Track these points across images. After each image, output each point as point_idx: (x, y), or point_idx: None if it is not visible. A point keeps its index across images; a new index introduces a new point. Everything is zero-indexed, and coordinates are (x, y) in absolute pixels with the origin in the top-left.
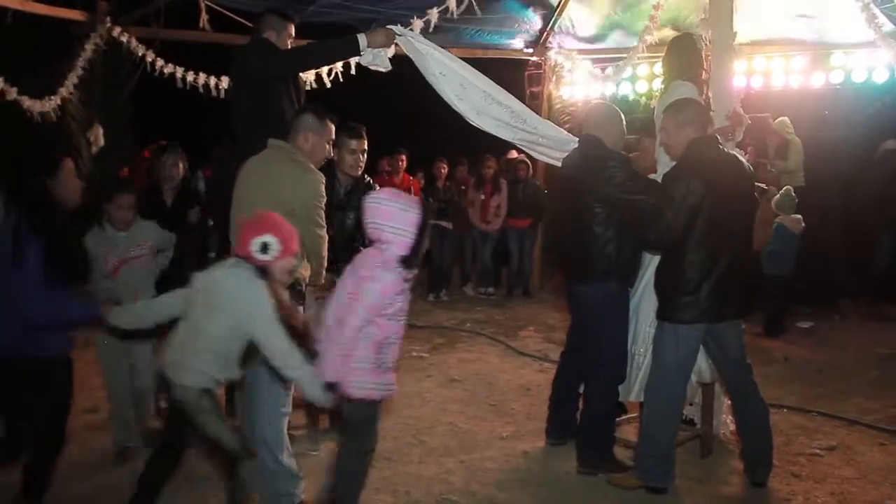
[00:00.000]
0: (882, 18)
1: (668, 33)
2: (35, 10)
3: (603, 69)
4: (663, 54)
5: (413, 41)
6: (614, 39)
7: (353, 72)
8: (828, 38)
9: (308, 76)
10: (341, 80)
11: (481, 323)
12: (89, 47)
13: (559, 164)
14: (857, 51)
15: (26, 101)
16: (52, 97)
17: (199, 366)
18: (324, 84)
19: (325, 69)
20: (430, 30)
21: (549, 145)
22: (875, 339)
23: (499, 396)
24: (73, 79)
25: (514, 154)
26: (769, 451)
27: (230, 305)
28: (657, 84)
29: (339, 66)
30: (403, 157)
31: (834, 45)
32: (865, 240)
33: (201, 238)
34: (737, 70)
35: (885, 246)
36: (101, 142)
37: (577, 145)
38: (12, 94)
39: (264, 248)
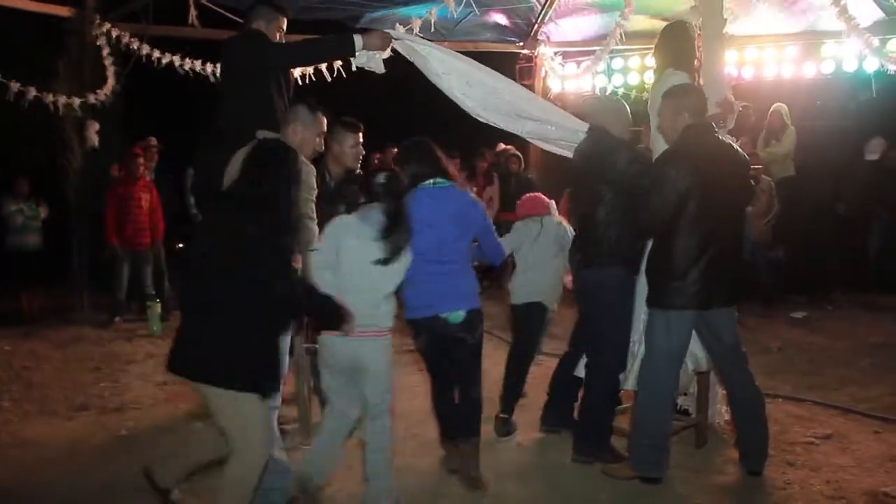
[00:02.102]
0: (871, 7)
1: (652, 24)
2: (23, 6)
3: (579, 64)
4: (655, 44)
5: (412, 43)
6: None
7: (335, 70)
8: (819, 26)
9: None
10: (344, 75)
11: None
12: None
13: (570, 155)
14: (848, 40)
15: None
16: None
17: None
18: (316, 79)
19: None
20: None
21: (560, 136)
22: (867, 328)
23: (493, 389)
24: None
25: (501, 146)
26: (764, 440)
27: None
28: (649, 76)
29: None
30: (396, 150)
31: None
32: (857, 229)
33: None
34: (728, 60)
35: (875, 234)
36: (95, 139)
37: (585, 135)
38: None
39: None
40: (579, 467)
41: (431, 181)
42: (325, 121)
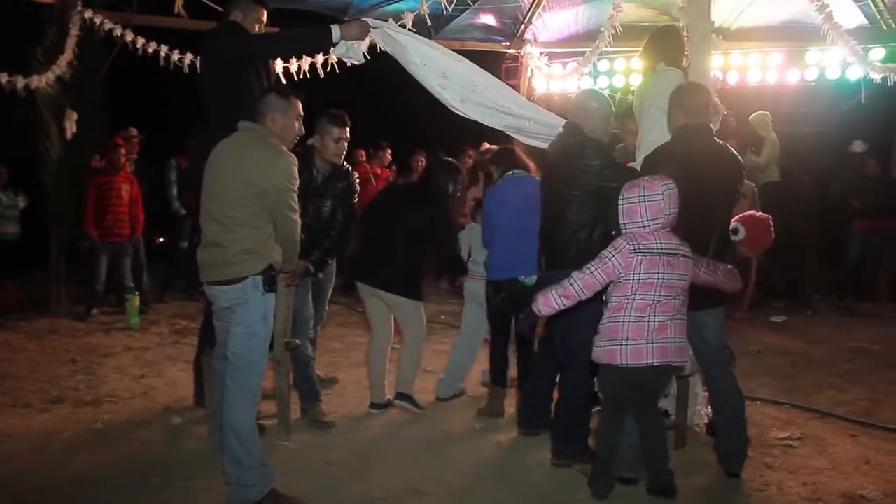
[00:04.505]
0: (855, 13)
1: (638, 14)
2: None
3: (565, 65)
4: (643, 45)
5: (390, 32)
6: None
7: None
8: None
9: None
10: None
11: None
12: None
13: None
14: (832, 48)
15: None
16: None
17: None
18: (306, 74)
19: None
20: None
21: (537, 131)
22: (846, 334)
23: (472, 388)
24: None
25: (486, 146)
26: (744, 442)
27: None
28: (634, 79)
29: (310, 59)
30: (388, 150)
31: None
32: (838, 235)
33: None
34: (714, 65)
35: (853, 240)
36: (74, 128)
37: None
38: None
39: (734, 231)
40: (558, 468)
41: (511, 172)
42: (300, 104)
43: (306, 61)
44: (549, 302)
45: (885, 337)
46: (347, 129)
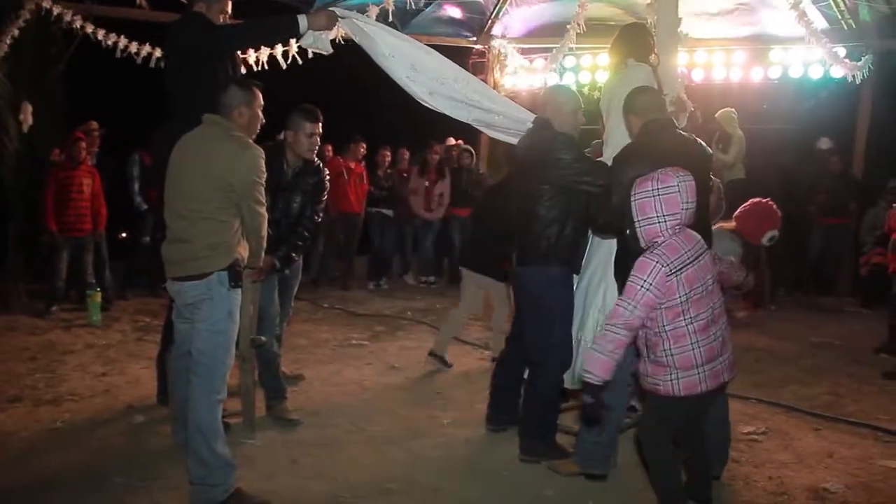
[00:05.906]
0: (816, 15)
1: (600, 12)
2: None
3: (531, 60)
4: (612, 41)
5: (359, 22)
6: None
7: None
8: (767, 31)
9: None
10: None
11: (422, 311)
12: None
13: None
14: (795, 47)
15: None
16: None
17: None
18: (264, 65)
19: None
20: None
21: (506, 125)
22: (809, 329)
23: (439, 384)
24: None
25: (451, 141)
26: (726, 442)
27: None
28: (600, 75)
29: (279, 49)
30: (363, 144)
31: (773, 39)
32: (801, 232)
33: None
34: (680, 62)
35: (815, 236)
36: (30, 120)
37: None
38: None
39: (771, 239)
40: (526, 463)
41: None
42: (260, 93)
43: (264, 52)
44: (605, 364)
45: (847, 332)
46: (320, 125)
